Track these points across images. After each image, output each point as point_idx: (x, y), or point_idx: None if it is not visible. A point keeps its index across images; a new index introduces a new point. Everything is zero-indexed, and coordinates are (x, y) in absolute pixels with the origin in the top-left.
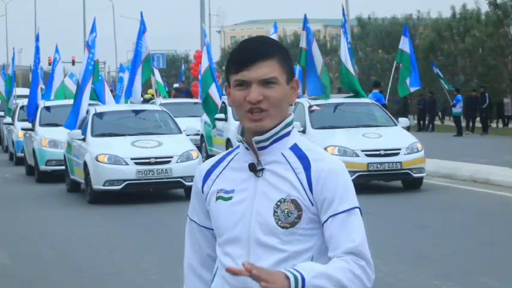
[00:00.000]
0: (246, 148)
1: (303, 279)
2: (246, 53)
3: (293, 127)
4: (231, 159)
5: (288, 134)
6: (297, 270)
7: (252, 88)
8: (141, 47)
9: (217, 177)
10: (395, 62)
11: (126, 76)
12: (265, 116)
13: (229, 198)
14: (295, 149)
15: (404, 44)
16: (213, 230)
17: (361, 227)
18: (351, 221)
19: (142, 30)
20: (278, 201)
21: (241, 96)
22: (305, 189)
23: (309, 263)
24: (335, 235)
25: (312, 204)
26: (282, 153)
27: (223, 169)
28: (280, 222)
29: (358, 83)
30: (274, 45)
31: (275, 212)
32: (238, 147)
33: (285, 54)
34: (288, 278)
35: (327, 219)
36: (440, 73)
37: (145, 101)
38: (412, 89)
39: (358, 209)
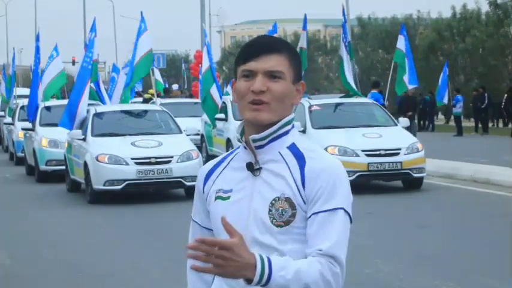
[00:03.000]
0: (245, 147)
1: (269, 275)
2: (256, 45)
3: (292, 126)
4: (231, 159)
5: (286, 133)
6: (269, 264)
7: (257, 78)
8: (137, 47)
9: (217, 177)
10: (393, 61)
11: (121, 77)
12: (265, 108)
13: (228, 198)
14: (293, 147)
15: (401, 43)
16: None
17: (342, 228)
18: (332, 220)
19: (142, 30)
20: (273, 200)
21: (246, 86)
22: (298, 187)
23: (283, 259)
24: (313, 233)
25: (304, 203)
26: (279, 152)
27: (223, 169)
28: (274, 220)
29: (349, 84)
30: (285, 43)
31: (270, 210)
32: (239, 147)
33: (294, 54)
34: (255, 266)
35: (310, 216)
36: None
37: (145, 101)
38: (410, 87)
39: (343, 210)
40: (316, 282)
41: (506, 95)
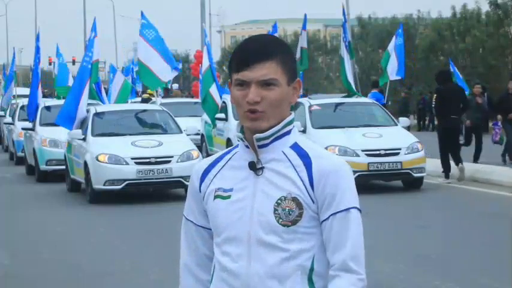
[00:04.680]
0: (246, 146)
1: None
2: (248, 53)
3: (293, 126)
4: (230, 158)
5: (288, 132)
6: None
7: (251, 89)
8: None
9: (214, 176)
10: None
11: (118, 77)
12: (262, 116)
13: (228, 197)
14: (296, 147)
15: (391, 43)
16: (209, 229)
17: (359, 229)
18: (350, 221)
19: (147, 27)
20: (278, 199)
21: (240, 95)
22: (306, 187)
23: None
24: (335, 237)
25: (313, 202)
26: (282, 151)
27: (222, 168)
28: (281, 220)
29: (349, 84)
30: (277, 45)
31: (275, 210)
32: (237, 146)
33: (287, 54)
34: None
35: (328, 218)
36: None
37: (144, 101)
38: (392, 78)
39: (357, 209)
40: None
41: (435, 95)
